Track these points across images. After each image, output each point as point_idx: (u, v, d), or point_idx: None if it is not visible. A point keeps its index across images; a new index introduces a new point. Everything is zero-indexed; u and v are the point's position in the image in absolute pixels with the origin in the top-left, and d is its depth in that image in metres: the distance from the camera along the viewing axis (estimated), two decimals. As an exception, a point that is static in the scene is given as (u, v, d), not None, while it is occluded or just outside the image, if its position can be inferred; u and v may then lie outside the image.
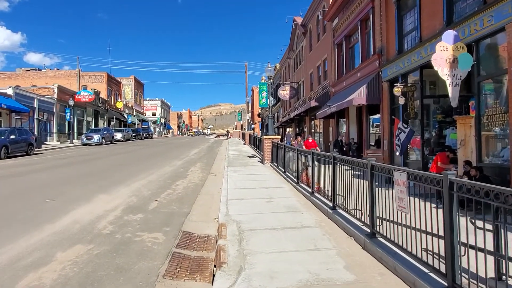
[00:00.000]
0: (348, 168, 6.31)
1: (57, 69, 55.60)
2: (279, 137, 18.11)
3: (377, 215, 4.68)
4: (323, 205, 7.02)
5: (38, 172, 13.58)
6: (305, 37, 30.22)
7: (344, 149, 18.40)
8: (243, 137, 42.08)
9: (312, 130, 29.93)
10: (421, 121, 12.67)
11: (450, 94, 9.31)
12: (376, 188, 4.81)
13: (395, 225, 4.16)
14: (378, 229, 4.65)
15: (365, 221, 5.10)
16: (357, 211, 5.61)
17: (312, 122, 29.37)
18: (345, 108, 18.44)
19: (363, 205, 5.22)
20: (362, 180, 5.40)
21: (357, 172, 5.95)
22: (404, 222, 3.96)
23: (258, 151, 22.27)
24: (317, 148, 16.29)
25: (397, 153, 12.06)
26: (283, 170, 12.86)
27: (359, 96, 15.56)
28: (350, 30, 19.14)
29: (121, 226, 6.24)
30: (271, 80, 18.69)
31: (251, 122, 69.51)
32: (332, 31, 21.98)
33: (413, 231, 3.78)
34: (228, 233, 5.64)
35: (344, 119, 21.27)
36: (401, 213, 3.98)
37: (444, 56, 9.39)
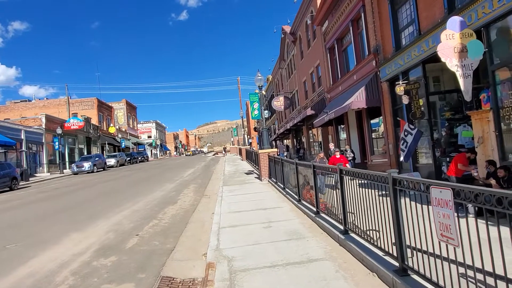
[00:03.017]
0: (357, 180, 5.21)
1: (46, 98, 54.71)
2: (276, 150, 16.96)
3: (407, 243, 3.52)
4: (332, 229, 5.83)
5: (12, 209, 12.34)
6: (295, 45, 29.43)
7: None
8: (240, 153, 40.97)
9: (311, 140, 28.87)
10: (428, 121, 11.60)
11: (462, 87, 8.27)
12: (402, 204, 3.67)
13: (437, 259, 3.01)
14: (410, 263, 3.48)
15: (389, 251, 3.93)
16: (374, 232, 4.48)
17: (310, 131, 28.35)
18: (343, 114, 17.40)
19: (383, 227, 4.08)
20: (371, 190, 4.26)
21: (363, 182, 4.82)
22: (451, 256, 2.81)
23: (255, 167, 21.12)
24: (348, 165, 13.39)
25: (401, 158, 10.96)
26: (282, 186, 11.70)
27: (358, 100, 14.53)
28: (341, 32, 18.25)
29: (85, 276, 5.02)
30: (262, 91, 17.63)
31: (248, 136, 68.44)
32: (323, 36, 21.12)
33: (469, 271, 2.62)
34: (216, 277, 4.45)
35: (342, 126, 20.23)
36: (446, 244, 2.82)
37: (451, 45, 8.38)
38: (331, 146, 16.83)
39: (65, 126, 38.65)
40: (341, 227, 5.50)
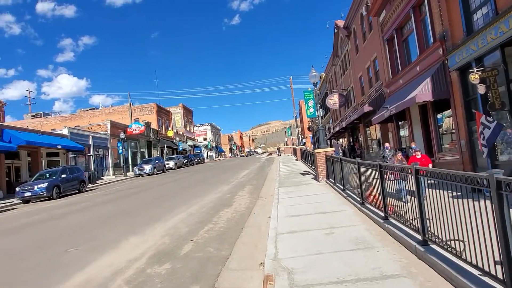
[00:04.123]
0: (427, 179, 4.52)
1: (111, 106, 58.37)
2: (333, 149, 16.14)
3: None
4: (405, 237, 5.09)
5: (80, 212, 12.94)
6: (350, 39, 28.17)
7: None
8: (295, 153, 40.27)
9: (368, 138, 27.43)
10: (509, 112, 10.21)
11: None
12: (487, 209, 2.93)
13: None
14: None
15: (490, 271, 3.17)
16: (458, 242, 3.75)
17: (367, 129, 26.93)
18: (405, 109, 16.11)
19: (475, 238, 3.35)
20: (444, 192, 3.53)
21: (433, 182, 4.08)
22: None
23: (311, 167, 20.41)
24: (430, 165, 10.04)
25: (484, 155, 9.69)
26: (341, 187, 10.96)
27: (423, 92, 13.28)
28: (401, 20, 16.94)
29: (139, 285, 4.82)
30: (316, 87, 16.90)
31: (302, 136, 67.48)
32: (380, 27, 19.84)
33: None
34: (276, 293, 3.97)
35: (403, 122, 18.81)
36: None
37: (542, 22, 7.18)
38: (387, 145, 15.36)
39: (128, 131, 40.75)
40: (418, 237, 4.75)
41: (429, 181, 4.60)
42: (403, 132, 19.37)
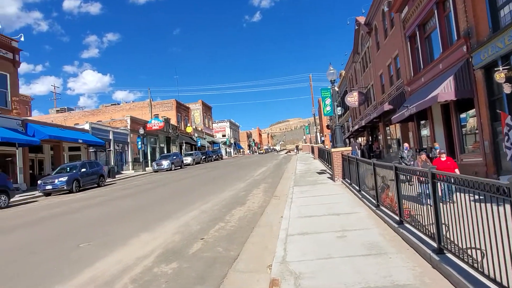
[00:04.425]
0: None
1: (132, 102, 59.24)
2: (349, 148, 15.82)
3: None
4: (420, 244, 4.86)
5: (97, 206, 13.16)
6: (371, 36, 27.56)
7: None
8: (312, 151, 39.89)
9: (388, 137, 26.83)
10: (538, 113, 9.70)
11: None
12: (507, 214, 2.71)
13: None
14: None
15: (508, 285, 2.95)
16: (475, 250, 3.54)
17: (387, 128, 26.33)
18: (426, 108, 15.60)
19: (494, 247, 3.14)
20: (464, 195, 3.31)
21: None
22: None
23: (328, 166, 20.13)
24: (456, 170, 8.89)
25: (508, 157, 9.25)
26: (357, 188, 10.70)
27: (445, 91, 12.81)
28: (424, 17, 16.39)
29: (144, 285, 4.79)
30: (335, 86, 16.57)
31: (320, 134, 66.77)
32: (402, 23, 19.28)
33: None
34: (281, 299, 3.85)
35: (424, 121, 18.24)
36: None
37: None
38: (406, 146, 14.82)
39: (147, 127, 41.29)
40: (434, 244, 4.52)
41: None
42: (424, 132, 18.82)
